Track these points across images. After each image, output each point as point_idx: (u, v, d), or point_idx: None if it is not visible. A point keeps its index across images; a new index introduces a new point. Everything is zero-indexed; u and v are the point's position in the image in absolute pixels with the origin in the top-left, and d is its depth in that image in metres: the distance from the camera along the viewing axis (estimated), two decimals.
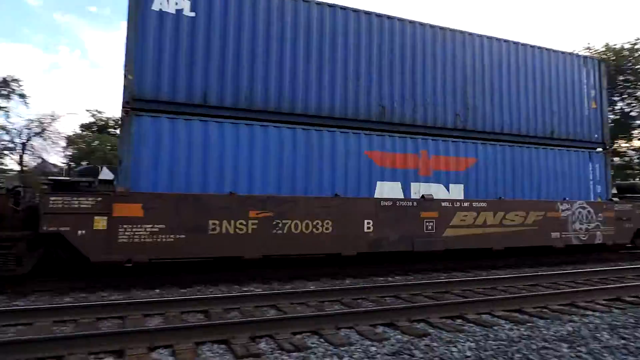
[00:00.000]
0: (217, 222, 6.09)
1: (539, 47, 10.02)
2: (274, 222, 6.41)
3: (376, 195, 7.48)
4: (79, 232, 5.42)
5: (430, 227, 7.67)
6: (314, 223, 6.67)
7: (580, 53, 11.83)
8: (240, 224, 6.23)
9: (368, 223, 7.10)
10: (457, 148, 8.53)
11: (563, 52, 10.30)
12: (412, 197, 7.76)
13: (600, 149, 10.33)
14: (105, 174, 8.64)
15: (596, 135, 10.39)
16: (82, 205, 5.47)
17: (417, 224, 7.55)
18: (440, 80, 8.56)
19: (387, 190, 7.66)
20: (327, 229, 6.74)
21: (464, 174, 8.51)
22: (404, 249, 7.42)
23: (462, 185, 8.46)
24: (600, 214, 9.67)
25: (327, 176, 7.19)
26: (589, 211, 9.57)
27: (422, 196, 7.71)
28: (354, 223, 6.98)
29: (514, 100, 9.48)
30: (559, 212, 9.23)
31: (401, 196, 7.72)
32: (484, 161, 8.76)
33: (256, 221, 6.31)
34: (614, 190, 11.15)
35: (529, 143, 9.38)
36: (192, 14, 6.69)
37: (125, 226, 5.61)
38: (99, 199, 5.56)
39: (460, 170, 8.47)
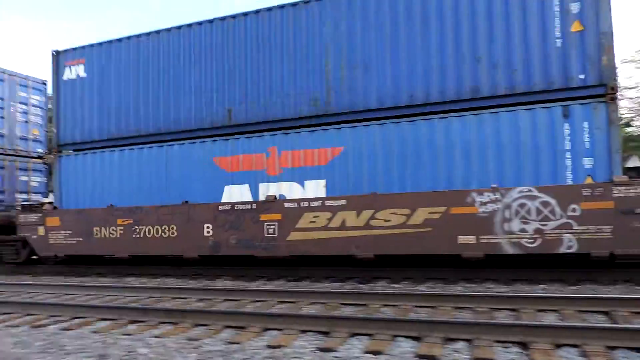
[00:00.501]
0: (98, 228, 8.70)
1: None
2: (133, 228, 8.34)
3: (223, 200, 8.00)
4: (32, 236, 9.05)
5: (271, 231, 7.49)
6: (162, 228, 8.19)
7: None
8: (112, 230, 8.50)
9: (208, 227, 7.91)
10: (316, 138, 7.55)
11: None
12: (258, 199, 7.81)
13: (591, 98, 6.52)
14: None
15: (581, 76, 6.63)
16: (32, 220, 9.18)
17: (258, 227, 7.52)
18: (290, 65, 7.69)
19: (236, 193, 7.97)
20: (172, 233, 8.09)
21: (326, 167, 7.49)
22: (244, 253, 7.73)
23: (324, 180, 7.49)
24: (574, 205, 6.28)
25: (183, 185, 8.35)
26: (544, 202, 6.44)
27: (273, 197, 7.71)
28: (196, 228, 7.89)
29: (402, 58, 7.31)
30: (475, 206, 6.67)
31: (250, 199, 7.94)
32: (354, 149, 7.37)
33: (122, 227, 8.48)
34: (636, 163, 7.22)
35: (435, 112, 7.06)
36: (84, 75, 9.33)
37: (52, 232, 8.89)
38: (40, 215, 9.04)
39: (320, 164, 7.50)
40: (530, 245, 6.50)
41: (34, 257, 9.87)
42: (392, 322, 3.98)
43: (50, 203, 9.87)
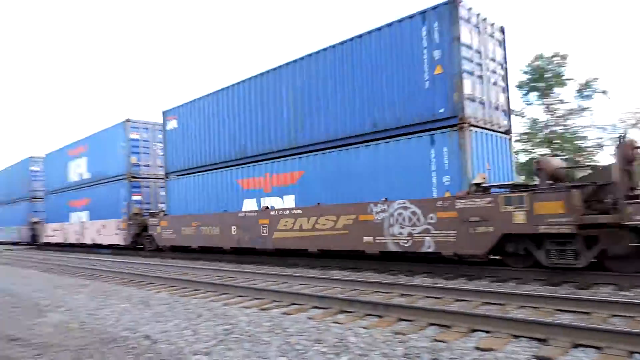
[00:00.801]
0: (184, 228, 14.18)
1: (365, 33, 9.76)
2: (200, 228, 13.93)
3: (243, 209, 13.24)
4: (155, 233, 14.81)
5: (264, 231, 11.88)
6: (212, 229, 13.91)
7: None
8: (190, 229, 14.35)
9: (233, 228, 12.92)
10: (288, 165, 11.88)
11: (395, 22, 9.33)
12: (259, 209, 12.44)
13: (448, 128, 8.55)
14: None
15: (442, 110, 8.59)
16: (154, 222, 15.28)
17: (258, 228, 12.17)
18: (276, 112, 12.29)
19: (249, 205, 13.13)
20: (216, 232, 13.69)
21: (294, 186, 11.56)
22: (252, 246, 12.46)
23: (293, 195, 11.58)
24: (432, 214, 8.12)
25: (219, 201, 14.08)
26: (413, 212, 8.40)
27: (265, 207, 12.32)
28: (227, 229, 13.33)
29: (337, 105, 10.22)
30: (372, 214, 8.95)
31: (255, 209, 12.63)
32: (311, 172, 10.97)
33: (194, 228, 14.29)
34: (478, 180, 8.43)
35: (350, 144, 9.95)
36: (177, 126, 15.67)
37: (163, 230, 14.48)
38: (157, 219, 15.10)
39: (292, 183, 11.59)
40: (405, 245, 8.56)
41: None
42: (626, 335, 3.68)
43: (162, 211, 16.09)
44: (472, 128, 8.62)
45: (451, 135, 8.39)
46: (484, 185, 8.31)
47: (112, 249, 19.34)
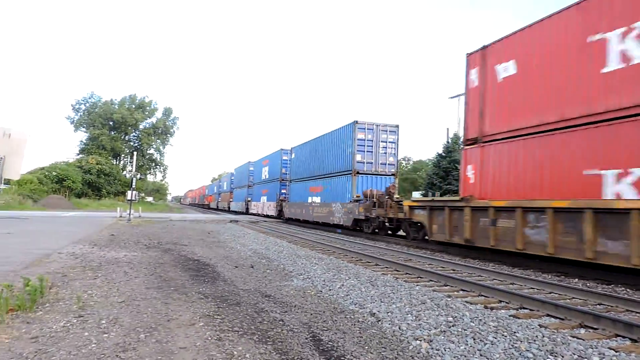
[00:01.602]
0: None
1: (327, 133, 25.55)
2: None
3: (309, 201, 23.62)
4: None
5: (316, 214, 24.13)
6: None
7: None
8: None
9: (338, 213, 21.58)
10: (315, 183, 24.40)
11: (339, 128, 23.86)
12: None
13: (350, 174, 22.14)
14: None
15: (348, 167, 22.17)
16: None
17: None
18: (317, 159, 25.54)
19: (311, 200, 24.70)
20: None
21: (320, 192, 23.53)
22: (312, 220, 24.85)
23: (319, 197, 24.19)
24: (341, 208, 21.94)
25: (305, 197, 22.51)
26: (339, 206, 22.14)
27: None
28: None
29: (315, 159, 26.00)
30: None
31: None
32: (325, 188, 23.34)
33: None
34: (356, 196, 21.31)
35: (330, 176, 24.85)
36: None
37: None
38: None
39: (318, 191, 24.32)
40: (322, 218, 23.56)
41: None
42: None
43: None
44: (358, 174, 20.99)
45: (350, 177, 20.99)
46: (356, 198, 20.06)
47: (342, 228, 22.17)
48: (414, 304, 6.34)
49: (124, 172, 71.35)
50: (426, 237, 14.58)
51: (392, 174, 21.60)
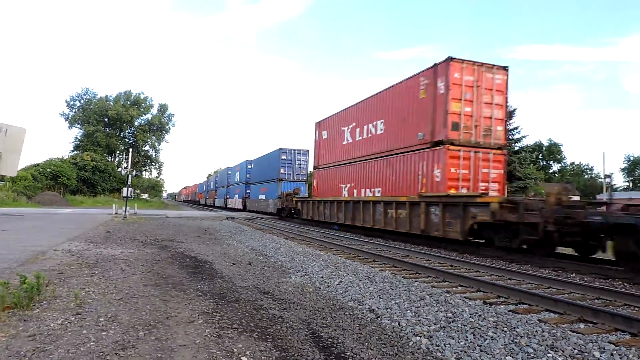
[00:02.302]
0: None
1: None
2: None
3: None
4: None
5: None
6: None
7: None
8: None
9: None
10: None
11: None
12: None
13: None
14: None
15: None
16: None
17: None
18: None
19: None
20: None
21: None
22: None
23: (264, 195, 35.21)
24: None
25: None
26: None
27: None
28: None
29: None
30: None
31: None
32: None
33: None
34: None
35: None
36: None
37: None
38: None
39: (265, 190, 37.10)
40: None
41: None
42: None
43: None
44: (281, 181, 33.90)
45: (276, 183, 33.90)
46: (279, 195, 32.15)
47: (271, 215, 34.34)
48: (413, 300, 6.33)
49: (119, 169, 71.01)
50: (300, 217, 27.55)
51: (304, 181, 33.97)
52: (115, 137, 74.57)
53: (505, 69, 14.57)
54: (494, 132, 14.38)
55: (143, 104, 77.75)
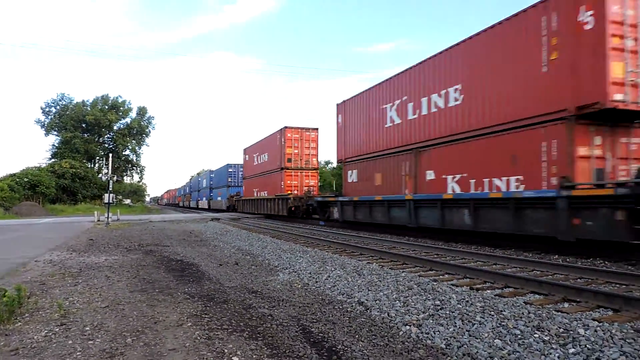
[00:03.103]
0: None
1: None
2: None
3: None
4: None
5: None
6: None
7: None
8: None
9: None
10: None
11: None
12: None
13: None
14: None
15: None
16: None
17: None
18: None
19: None
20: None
21: None
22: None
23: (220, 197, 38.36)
24: None
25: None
26: None
27: None
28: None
29: None
30: None
31: None
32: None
33: None
34: None
35: None
36: None
37: None
38: None
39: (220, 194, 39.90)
40: None
41: None
42: None
43: None
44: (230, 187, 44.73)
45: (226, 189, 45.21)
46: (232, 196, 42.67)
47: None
48: (401, 290, 6.37)
49: (100, 175, 69.61)
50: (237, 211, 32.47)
51: (241, 186, 41.01)
52: (94, 142, 73.24)
53: None
54: None
55: (121, 108, 76.46)
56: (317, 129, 28.14)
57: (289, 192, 26.83)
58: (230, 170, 44.20)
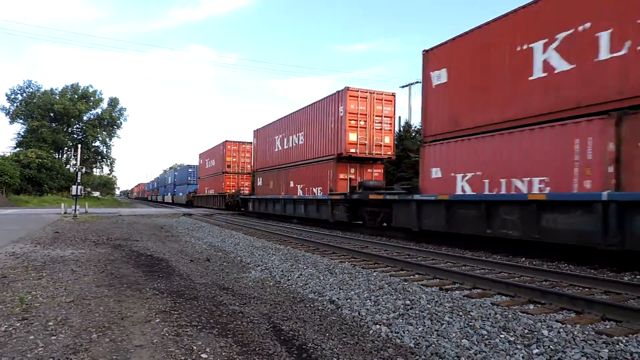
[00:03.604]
0: None
1: None
2: None
3: None
4: None
5: None
6: None
7: None
8: None
9: None
10: None
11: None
12: None
13: None
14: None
15: None
16: None
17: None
18: None
19: None
20: None
21: None
22: None
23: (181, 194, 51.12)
24: None
25: None
26: None
27: None
28: None
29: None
30: None
31: None
32: None
33: None
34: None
35: None
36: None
37: None
38: None
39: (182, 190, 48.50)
40: None
41: None
42: None
43: None
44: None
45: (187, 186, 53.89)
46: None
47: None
48: (372, 289, 6.42)
49: (68, 167, 67.83)
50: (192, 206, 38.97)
51: (197, 184, 49.30)
52: (62, 132, 71.00)
53: None
54: None
55: (92, 98, 74.31)
56: (251, 142, 32.13)
57: (227, 190, 35.49)
58: (190, 170, 53.45)
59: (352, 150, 18.45)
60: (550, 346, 4.07)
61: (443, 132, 12.40)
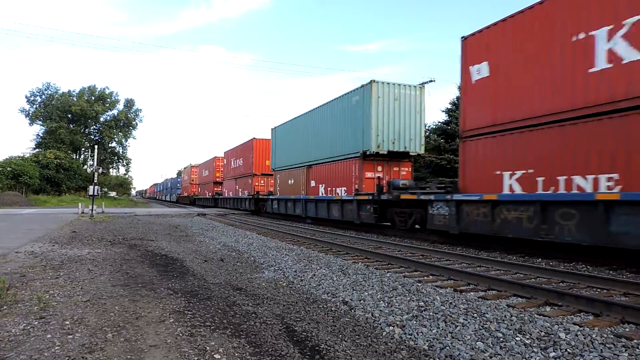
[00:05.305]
0: None
1: None
2: None
3: None
4: None
5: None
6: None
7: None
8: None
9: None
10: None
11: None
12: None
13: None
14: None
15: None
16: None
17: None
18: None
19: None
20: None
21: None
22: None
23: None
24: None
25: None
26: None
27: None
28: None
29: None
30: None
31: None
32: None
33: None
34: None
35: None
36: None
37: None
38: None
39: None
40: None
41: None
42: None
43: None
44: None
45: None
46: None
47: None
48: (385, 290, 6.38)
49: (85, 167, 68.84)
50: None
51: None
52: (79, 133, 72.14)
53: None
54: None
55: (108, 99, 75.36)
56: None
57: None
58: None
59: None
60: (568, 349, 4.00)
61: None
